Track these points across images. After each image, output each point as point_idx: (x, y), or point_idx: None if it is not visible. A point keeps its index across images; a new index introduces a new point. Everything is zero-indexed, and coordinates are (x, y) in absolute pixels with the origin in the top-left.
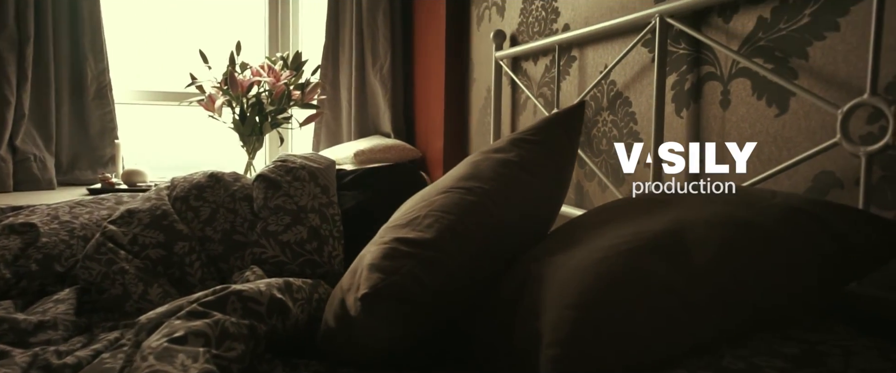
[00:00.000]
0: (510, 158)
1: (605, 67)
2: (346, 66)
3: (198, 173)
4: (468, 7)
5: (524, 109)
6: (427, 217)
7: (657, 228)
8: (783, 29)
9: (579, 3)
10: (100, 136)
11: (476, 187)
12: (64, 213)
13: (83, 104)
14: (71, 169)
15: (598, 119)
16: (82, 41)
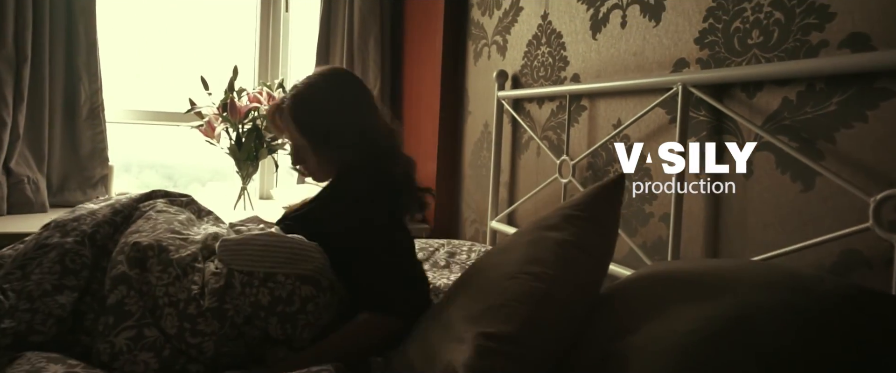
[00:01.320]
0: (567, 238)
1: (618, 121)
2: None
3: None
4: (465, 41)
5: (527, 149)
6: (504, 307)
7: (727, 313)
8: (809, 112)
9: (590, 56)
10: (90, 157)
11: (542, 273)
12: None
13: (75, 125)
14: (61, 190)
15: (609, 169)
16: (77, 61)
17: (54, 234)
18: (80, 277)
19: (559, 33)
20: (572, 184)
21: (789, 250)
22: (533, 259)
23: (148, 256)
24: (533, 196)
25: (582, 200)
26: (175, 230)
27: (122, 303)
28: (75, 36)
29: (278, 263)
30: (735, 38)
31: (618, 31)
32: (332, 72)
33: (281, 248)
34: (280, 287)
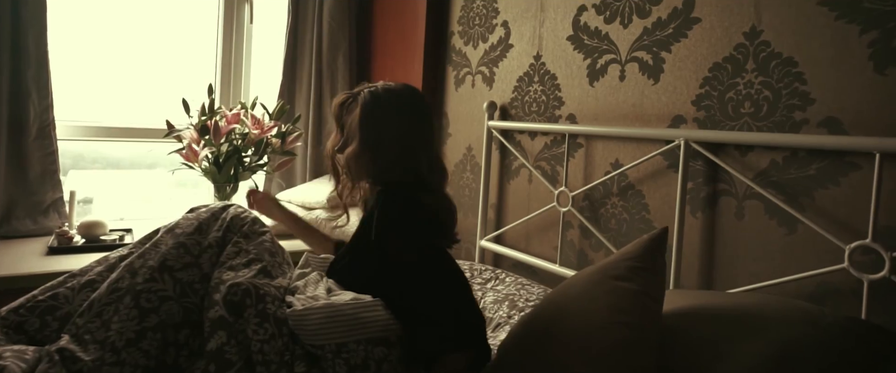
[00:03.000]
0: (638, 288)
1: (616, 161)
2: (303, 105)
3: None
4: (444, 66)
5: (516, 176)
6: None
7: (774, 351)
8: (793, 173)
9: (587, 100)
10: (40, 179)
11: (630, 322)
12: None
13: (22, 145)
14: (7, 219)
15: (606, 202)
16: (26, 75)
17: (125, 275)
18: (161, 312)
19: (553, 75)
20: (571, 212)
21: (777, 282)
22: (616, 309)
23: (246, 304)
24: (527, 220)
25: (638, 251)
26: (267, 272)
27: (223, 351)
28: (23, 50)
29: (345, 332)
30: (729, 105)
31: (616, 83)
32: (412, 89)
33: (344, 316)
34: (353, 355)
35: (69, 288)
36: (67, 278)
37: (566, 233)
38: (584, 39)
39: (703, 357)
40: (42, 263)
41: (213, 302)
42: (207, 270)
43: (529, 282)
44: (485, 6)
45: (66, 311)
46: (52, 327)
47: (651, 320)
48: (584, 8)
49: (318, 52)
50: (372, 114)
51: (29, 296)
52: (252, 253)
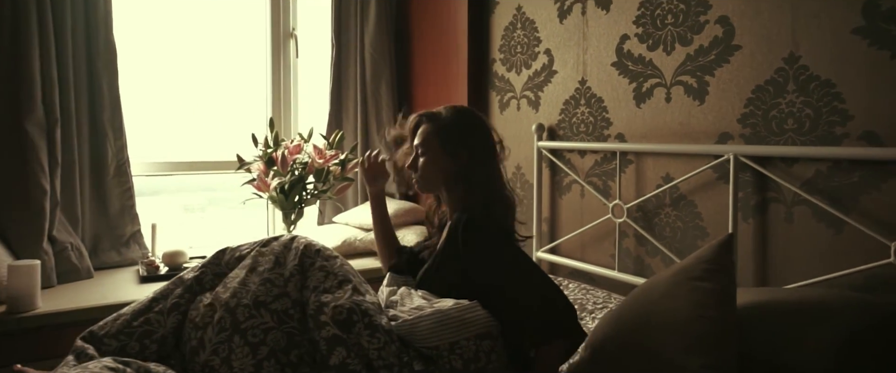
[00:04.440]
0: (715, 287)
1: (667, 175)
2: (350, 133)
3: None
4: (487, 91)
5: (568, 191)
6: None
7: (837, 338)
8: (837, 181)
9: (634, 120)
10: (120, 215)
11: (715, 316)
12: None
13: (103, 183)
14: (95, 252)
15: (660, 212)
16: (102, 118)
17: (225, 316)
18: (268, 341)
19: (600, 98)
20: (626, 223)
21: (828, 277)
22: (699, 304)
23: (353, 320)
24: (582, 232)
25: (711, 255)
26: (358, 290)
27: (346, 364)
28: (99, 94)
29: (455, 332)
30: (773, 122)
31: (663, 105)
32: (473, 110)
33: (451, 319)
34: (466, 350)
35: (158, 312)
36: (151, 303)
37: (622, 242)
38: (628, 65)
39: (776, 345)
40: (138, 291)
41: (322, 323)
42: (296, 296)
43: (591, 287)
44: (526, 35)
45: (161, 334)
46: (151, 349)
47: (729, 314)
48: (627, 37)
49: (362, 82)
50: (448, 129)
51: (122, 322)
52: (339, 275)
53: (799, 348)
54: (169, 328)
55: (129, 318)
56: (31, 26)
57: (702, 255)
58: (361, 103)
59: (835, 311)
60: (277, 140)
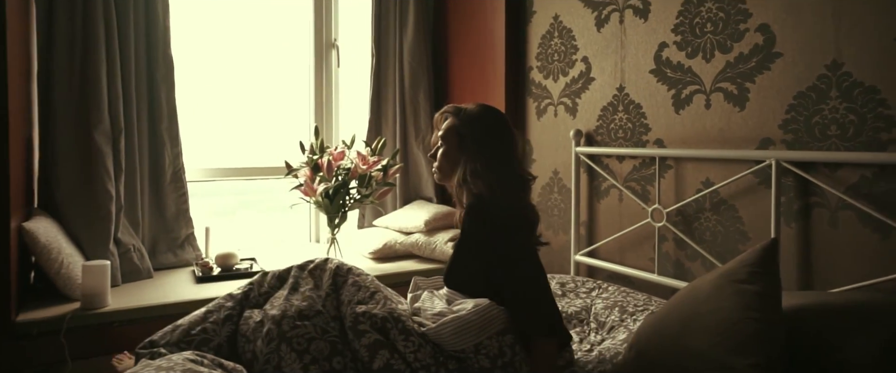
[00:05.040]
0: (760, 290)
1: (707, 179)
2: (390, 139)
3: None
4: (524, 97)
5: (606, 195)
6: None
7: (881, 340)
8: (883, 186)
9: (673, 126)
10: (175, 218)
11: (761, 317)
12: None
13: (161, 188)
14: (153, 254)
15: (700, 216)
16: (160, 128)
17: (272, 328)
18: (312, 350)
19: (638, 104)
20: (665, 227)
21: (876, 282)
22: (745, 306)
23: (388, 327)
24: (620, 236)
25: (755, 258)
26: (389, 299)
27: (390, 365)
28: (158, 105)
29: (477, 334)
30: (815, 128)
31: (702, 111)
32: (496, 110)
33: (471, 323)
34: (490, 349)
35: (213, 322)
36: (206, 314)
37: (661, 246)
38: (666, 72)
39: (822, 347)
40: (195, 291)
41: (361, 332)
42: (333, 313)
43: (631, 290)
44: (563, 43)
45: (217, 342)
46: (207, 356)
47: (775, 315)
48: (666, 45)
49: (401, 90)
50: (468, 125)
51: (180, 331)
52: (370, 288)
53: (845, 350)
54: (223, 337)
55: (186, 327)
56: (100, 46)
57: (746, 259)
58: (400, 111)
59: (882, 314)
60: (323, 147)
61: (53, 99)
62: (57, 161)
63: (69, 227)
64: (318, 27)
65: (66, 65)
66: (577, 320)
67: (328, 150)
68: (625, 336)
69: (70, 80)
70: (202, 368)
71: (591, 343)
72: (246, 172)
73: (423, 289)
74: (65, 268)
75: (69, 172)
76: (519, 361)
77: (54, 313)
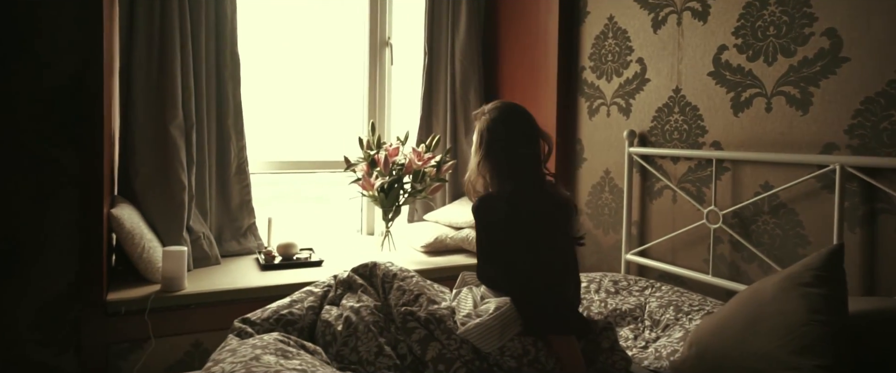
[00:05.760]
0: (827, 293)
1: (766, 182)
2: (440, 136)
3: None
4: (576, 97)
5: (659, 196)
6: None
7: None
8: None
9: (731, 128)
10: (239, 208)
11: (827, 320)
12: None
13: (227, 180)
14: (219, 242)
15: (757, 219)
16: (227, 123)
17: (350, 315)
18: (383, 335)
19: (695, 106)
20: (721, 229)
21: None
22: (812, 310)
23: (430, 328)
24: (673, 236)
25: (821, 262)
26: (432, 300)
27: (442, 355)
28: (225, 100)
29: (499, 337)
30: (884, 134)
31: (762, 114)
32: (511, 107)
33: (491, 328)
34: (513, 349)
35: (298, 309)
36: (292, 303)
37: (716, 247)
38: (725, 75)
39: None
40: (261, 278)
41: (411, 329)
42: (386, 311)
43: (685, 290)
44: (617, 44)
45: (301, 325)
46: (292, 336)
47: (841, 319)
48: (725, 47)
49: (452, 88)
50: (487, 123)
51: (269, 313)
52: (414, 291)
53: None
54: (306, 322)
55: (275, 309)
56: (175, 45)
57: (810, 263)
58: (451, 108)
59: None
60: (379, 143)
61: (133, 93)
62: (135, 152)
63: (146, 214)
64: (373, 26)
65: (145, 62)
66: (631, 318)
67: (384, 146)
68: (681, 335)
69: (148, 77)
70: (289, 347)
71: (645, 340)
72: (303, 166)
73: (468, 284)
74: (146, 252)
75: (147, 163)
76: (544, 356)
77: (138, 293)
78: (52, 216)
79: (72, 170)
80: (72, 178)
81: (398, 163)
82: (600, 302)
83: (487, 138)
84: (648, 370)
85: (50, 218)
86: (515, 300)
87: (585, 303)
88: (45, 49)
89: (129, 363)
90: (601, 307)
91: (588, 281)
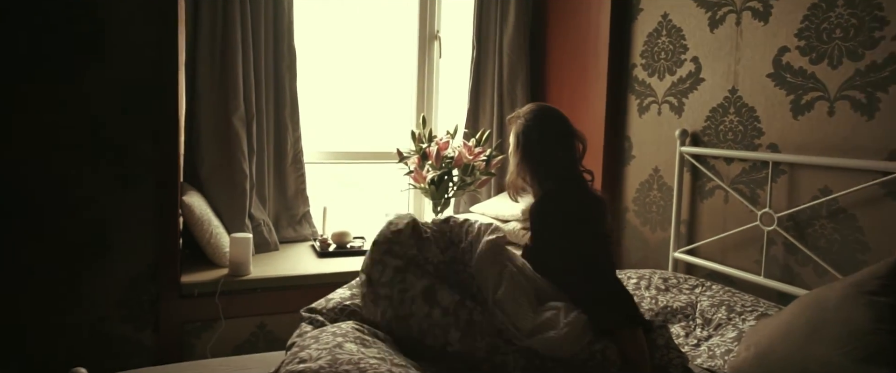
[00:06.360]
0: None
1: (825, 187)
2: (488, 129)
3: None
4: (625, 94)
5: (710, 196)
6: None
7: None
8: None
9: (790, 131)
10: (295, 196)
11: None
12: None
13: (283, 169)
14: (277, 228)
15: (814, 223)
16: (284, 114)
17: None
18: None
19: (751, 108)
20: (775, 231)
21: None
22: (878, 319)
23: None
24: (723, 236)
25: (886, 271)
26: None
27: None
28: (282, 93)
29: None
30: None
31: (824, 118)
32: (546, 109)
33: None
34: (581, 352)
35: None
36: (353, 296)
37: (769, 249)
38: (786, 77)
39: None
40: (318, 265)
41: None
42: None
43: (736, 290)
44: (672, 42)
45: (361, 316)
46: (365, 326)
47: None
48: (787, 49)
49: (499, 82)
50: (522, 127)
51: (332, 304)
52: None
53: None
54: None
55: (339, 301)
56: (237, 40)
57: (877, 271)
58: (498, 102)
59: None
60: (431, 136)
61: (197, 86)
62: (200, 142)
63: (211, 201)
64: (423, 19)
65: (209, 56)
66: (683, 315)
67: (435, 139)
68: (734, 335)
69: (212, 70)
70: (365, 336)
71: (697, 338)
72: (353, 157)
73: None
74: (213, 238)
75: (211, 153)
76: (608, 361)
77: (209, 277)
78: (133, 203)
79: (149, 160)
80: (149, 167)
81: (448, 156)
82: (651, 299)
83: (523, 141)
84: (703, 369)
85: (131, 205)
86: (582, 298)
87: (636, 299)
88: (126, 47)
89: (201, 341)
90: (652, 304)
91: (638, 278)
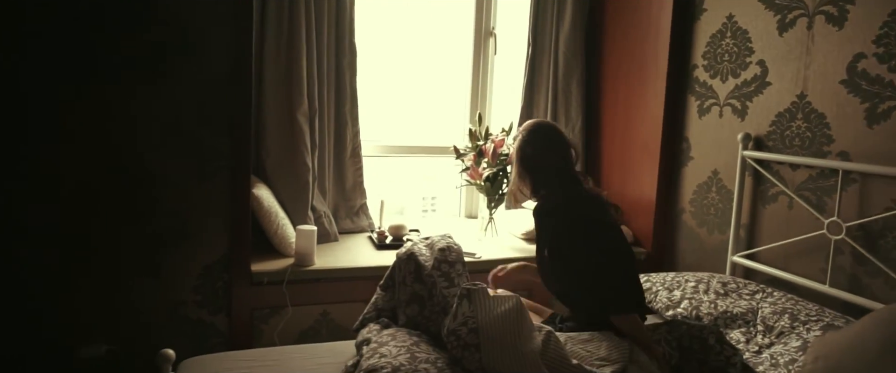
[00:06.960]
0: None
1: None
2: None
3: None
4: (685, 95)
5: (773, 201)
6: None
7: None
8: None
9: (863, 140)
10: (353, 189)
11: None
12: None
13: (342, 163)
14: (336, 220)
15: (887, 234)
16: (344, 110)
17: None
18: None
19: (821, 114)
20: (844, 241)
21: None
22: None
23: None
24: (786, 243)
25: None
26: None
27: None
28: (343, 88)
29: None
30: None
31: None
32: (542, 124)
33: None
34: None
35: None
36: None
37: (835, 258)
38: (861, 85)
39: None
40: (377, 257)
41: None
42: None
43: (799, 299)
44: (736, 44)
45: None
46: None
47: None
48: (863, 56)
49: (554, 80)
50: (519, 143)
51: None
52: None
53: None
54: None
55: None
56: (302, 37)
57: None
58: (552, 100)
59: None
60: (487, 134)
61: (264, 82)
62: (266, 136)
63: (276, 193)
64: (479, 15)
65: (274, 52)
66: (743, 321)
67: (491, 137)
68: (799, 344)
69: (277, 67)
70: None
71: (758, 345)
72: (408, 151)
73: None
74: (280, 229)
75: (277, 146)
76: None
77: (277, 266)
78: (209, 195)
79: (224, 154)
80: (225, 160)
81: (503, 154)
82: (710, 303)
83: (520, 156)
84: None
85: (208, 196)
86: (585, 287)
87: (694, 303)
88: (206, 47)
89: (269, 327)
90: (711, 308)
91: (696, 281)
